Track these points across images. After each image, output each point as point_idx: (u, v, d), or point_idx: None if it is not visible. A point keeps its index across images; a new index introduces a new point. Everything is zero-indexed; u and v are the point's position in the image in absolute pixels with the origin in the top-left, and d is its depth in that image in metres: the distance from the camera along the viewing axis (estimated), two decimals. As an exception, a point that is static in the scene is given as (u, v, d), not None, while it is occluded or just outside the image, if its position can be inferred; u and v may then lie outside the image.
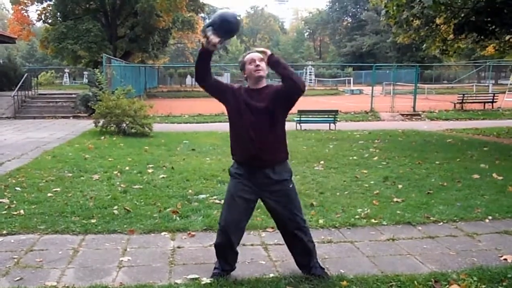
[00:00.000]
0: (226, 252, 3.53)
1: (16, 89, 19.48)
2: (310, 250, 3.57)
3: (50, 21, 31.17)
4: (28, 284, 3.50)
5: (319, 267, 3.61)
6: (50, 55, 36.18)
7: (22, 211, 5.29)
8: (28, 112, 19.32)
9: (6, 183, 6.71)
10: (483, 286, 3.37)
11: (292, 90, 3.31)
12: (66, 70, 47.70)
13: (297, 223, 3.48)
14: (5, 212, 5.30)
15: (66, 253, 4.15)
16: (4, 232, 4.67)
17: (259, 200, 3.54)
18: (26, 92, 20.83)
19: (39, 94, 22.45)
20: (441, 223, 5.00)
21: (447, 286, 3.39)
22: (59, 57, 34.02)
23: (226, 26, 3.22)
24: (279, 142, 3.44)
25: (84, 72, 41.23)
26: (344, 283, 3.44)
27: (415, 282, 3.45)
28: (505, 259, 3.93)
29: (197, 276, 3.58)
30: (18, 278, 3.61)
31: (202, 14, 41.61)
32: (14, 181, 6.90)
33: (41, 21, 31.87)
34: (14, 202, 5.70)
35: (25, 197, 5.93)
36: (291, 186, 3.48)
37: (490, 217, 5.13)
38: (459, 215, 5.18)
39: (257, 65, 3.34)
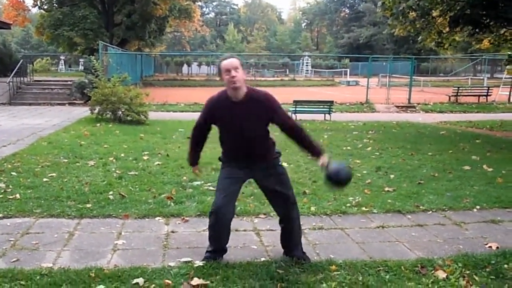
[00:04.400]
0: (219, 233, 3.58)
1: (12, 75, 19.38)
2: (297, 229, 3.70)
3: (46, 7, 30.93)
4: (25, 265, 3.57)
5: (301, 249, 3.73)
6: (45, 41, 35.98)
7: (18, 195, 5.35)
8: (23, 99, 19.27)
9: (2, 168, 6.76)
10: (468, 272, 3.47)
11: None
12: (62, 57, 47.49)
13: (290, 197, 3.61)
14: (1, 196, 5.36)
15: (61, 236, 4.22)
16: (0, 215, 4.74)
17: (252, 188, 3.63)
18: (22, 79, 20.73)
19: (35, 80, 22.36)
20: (430, 212, 5.11)
21: (433, 271, 3.49)
22: (55, 44, 33.81)
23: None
24: (268, 143, 3.57)
25: (80, 60, 41.15)
26: (333, 267, 3.53)
27: (402, 267, 3.55)
28: (490, 247, 4.05)
29: (190, 259, 3.67)
30: (14, 259, 3.68)
31: (199, 3, 41.52)
32: (10, 166, 6.95)
33: (37, 7, 31.63)
34: (10, 186, 5.76)
35: (21, 181, 5.98)
36: (280, 163, 3.65)
37: (478, 207, 5.24)
38: (448, 205, 5.29)
39: (232, 76, 3.25)
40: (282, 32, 79.22)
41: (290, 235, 3.71)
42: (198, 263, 3.57)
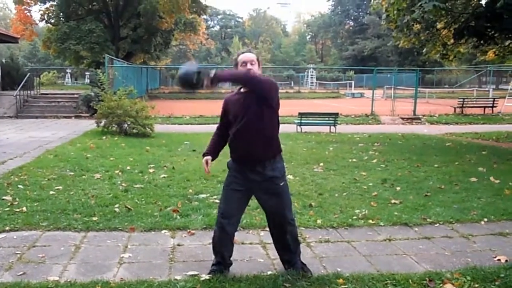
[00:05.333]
0: (222, 244, 3.57)
1: (19, 88, 19.56)
2: (293, 247, 3.66)
3: (53, 21, 31.32)
4: (31, 278, 3.57)
5: (300, 264, 3.69)
6: (52, 55, 36.28)
7: (24, 208, 5.37)
8: (30, 112, 19.41)
9: (8, 181, 6.80)
10: (476, 285, 3.44)
11: (260, 92, 3.34)
12: (68, 71, 47.83)
13: (285, 221, 3.55)
14: (7, 209, 5.37)
15: (68, 249, 4.22)
16: (7, 228, 4.74)
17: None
18: (29, 92, 20.92)
19: (41, 93, 22.55)
20: (438, 224, 5.07)
21: (441, 285, 3.46)
22: (61, 57, 34.12)
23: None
24: (269, 137, 3.45)
25: (86, 73, 41.48)
26: (340, 280, 3.51)
27: (410, 280, 3.52)
28: (499, 260, 4.01)
29: (196, 272, 3.66)
30: (21, 273, 3.68)
31: (204, 16, 41.80)
32: (16, 179, 6.98)
33: (44, 21, 32.03)
34: (17, 199, 5.78)
35: (28, 194, 6.00)
36: (282, 184, 3.51)
37: (485, 219, 5.20)
38: (456, 217, 5.25)
39: (248, 69, 3.38)
40: (286, 45, 79.61)
41: (291, 253, 3.67)
42: (205, 276, 3.55)
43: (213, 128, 3.80)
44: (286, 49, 78.01)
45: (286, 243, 3.63)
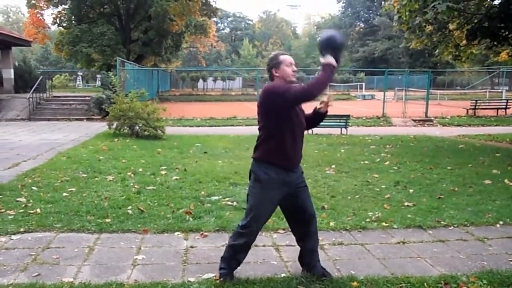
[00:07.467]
0: (245, 252, 3.59)
1: (31, 91, 19.74)
2: (317, 245, 3.69)
3: (65, 24, 31.56)
4: (46, 279, 3.60)
5: (320, 266, 3.67)
6: (64, 58, 36.56)
7: (38, 210, 5.41)
8: (42, 114, 19.58)
9: (22, 183, 6.85)
10: (493, 289, 3.40)
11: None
12: (79, 73, 48.19)
13: (314, 213, 3.61)
14: (22, 210, 5.42)
15: (82, 251, 4.25)
16: (22, 229, 4.78)
17: None
18: (41, 94, 21.08)
19: (54, 96, 22.71)
20: (452, 227, 5.02)
21: (457, 288, 3.43)
22: (73, 60, 34.38)
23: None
24: (264, 141, 3.54)
25: (97, 75, 41.75)
26: (355, 283, 3.49)
27: (425, 284, 3.49)
28: (516, 263, 3.96)
29: (211, 274, 3.65)
30: (36, 274, 3.71)
31: (214, 18, 41.94)
32: (30, 180, 7.04)
33: (56, 24, 32.27)
34: (31, 201, 5.82)
35: (41, 196, 6.05)
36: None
37: (501, 222, 5.14)
38: (470, 220, 5.20)
39: (294, 70, 3.45)
40: (297, 47, 79.51)
41: (312, 253, 3.65)
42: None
43: (224, 130, 3.81)
44: (296, 51, 77.82)
45: (312, 241, 3.63)
